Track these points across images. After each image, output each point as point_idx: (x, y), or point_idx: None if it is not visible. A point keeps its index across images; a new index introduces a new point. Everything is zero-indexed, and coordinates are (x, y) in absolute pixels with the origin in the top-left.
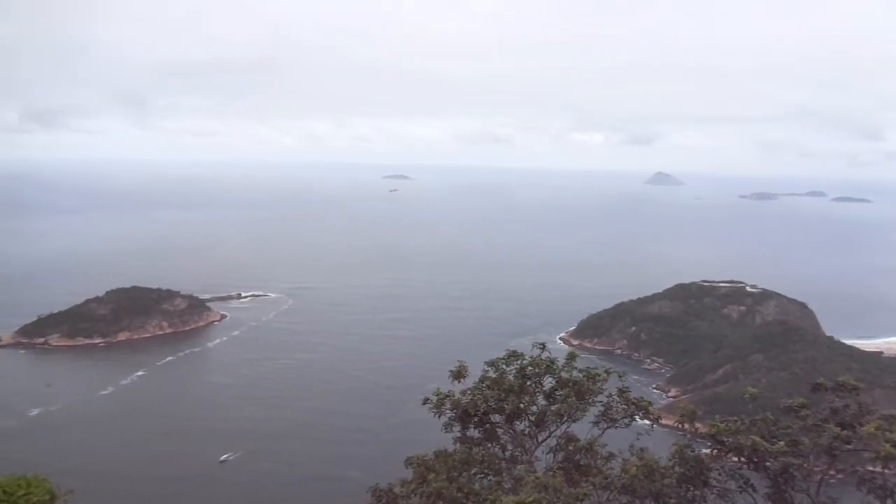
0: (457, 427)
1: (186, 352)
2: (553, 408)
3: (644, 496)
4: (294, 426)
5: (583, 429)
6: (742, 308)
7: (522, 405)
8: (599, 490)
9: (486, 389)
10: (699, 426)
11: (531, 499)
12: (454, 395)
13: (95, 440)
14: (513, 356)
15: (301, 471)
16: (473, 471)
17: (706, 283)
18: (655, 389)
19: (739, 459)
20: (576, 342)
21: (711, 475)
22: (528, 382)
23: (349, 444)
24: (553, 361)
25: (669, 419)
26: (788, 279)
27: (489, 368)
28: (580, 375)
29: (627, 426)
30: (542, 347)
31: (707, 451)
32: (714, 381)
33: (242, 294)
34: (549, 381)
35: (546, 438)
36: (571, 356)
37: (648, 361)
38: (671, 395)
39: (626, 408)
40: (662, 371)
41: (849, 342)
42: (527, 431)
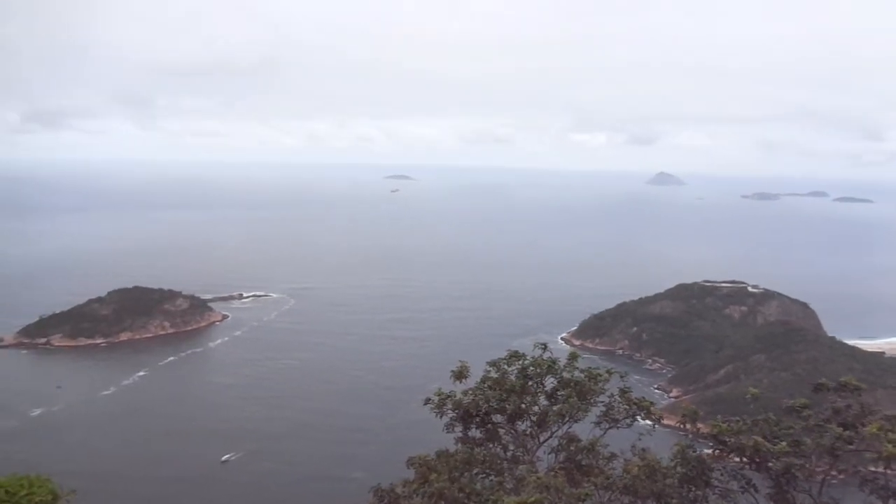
0: (458, 427)
1: (188, 352)
2: (555, 408)
3: (646, 496)
4: (295, 426)
5: (584, 429)
6: (744, 308)
7: (524, 405)
8: (601, 490)
9: (488, 390)
10: (701, 426)
11: (533, 499)
12: (456, 396)
13: (97, 440)
14: (514, 356)
15: (302, 471)
16: (475, 471)
17: (708, 284)
18: (657, 390)
19: (741, 460)
20: (577, 342)
21: (713, 475)
22: (530, 383)
23: (350, 445)
24: (555, 362)
25: (671, 419)
26: (790, 279)
27: (491, 369)
28: (582, 376)
29: (629, 426)
30: (544, 348)
31: (709, 452)
32: (716, 382)
33: (244, 294)
34: (551, 382)
35: (548, 439)
36: (573, 356)
37: (650, 362)
38: (673, 396)
39: (628, 408)
40: (664, 371)
41: (851, 342)
42: (528, 432)
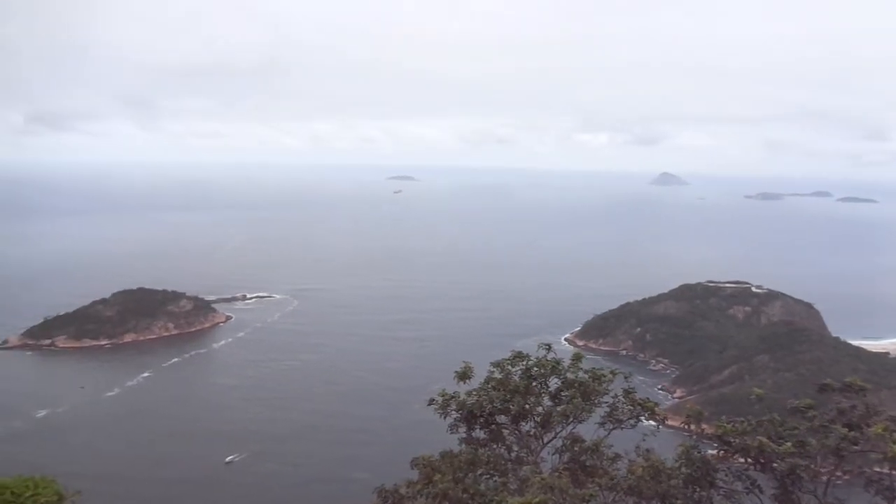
0: (462, 428)
1: (192, 353)
2: (559, 409)
3: (650, 497)
4: (299, 427)
5: (588, 430)
6: (748, 308)
7: (528, 406)
8: (605, 491)
9: (492, 390)
10: (705, 427)
11: (537, 500)
12: (459, 396)
13: (101, 442)
14: (518, 357)
15: (306, 472)
16: (479, 472)
17: (712, 284)
18: (661, 390)
19: (746, 460)
20: (581, 343)
21: (718, 476)
22: (534, 383)
23: (354, 446)
24: (558, 362)
25: (675, 420)
26: (794, 279)
27: (494, 369)
28: (586, 376)
29: (633, 427)
30: (548, 348)
31: (713, 452)
32: (720, 382)
33: (247, 295)
34: (555, 382)
35: (552, 439)
36: (577, 357)
37: (654, 362)
38: (677, 396)
39: (632, 409)
40: (668, 372)
41: (855, 343)
42: (532, 432)
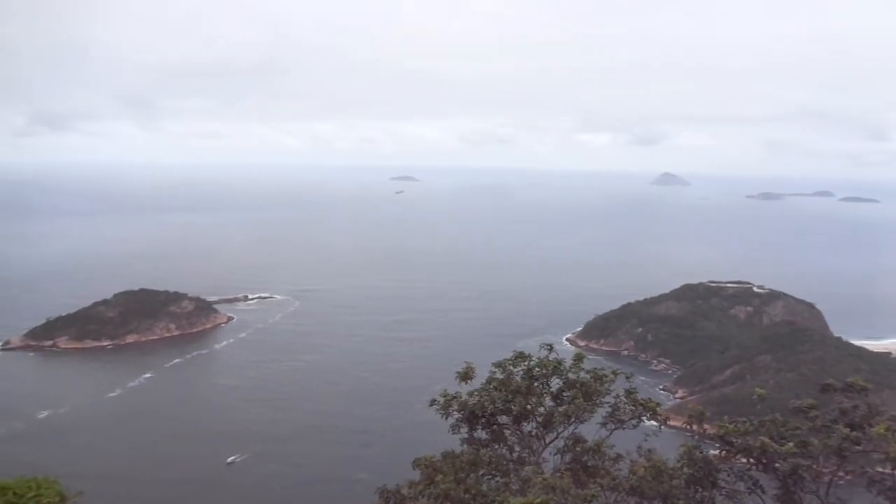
0: (464, 428)
1: (194, 354)
2: (560, 409)
3: (652, 497)
4: (301, 428)
5: (590, 430)
6: (749, 309)
7: (530, 406)
8: (607, 491)
9: (494, 391)
10: (707, 427)
11: (539, 500)
12: (461, 397)
13: (103, 442)
14: (520, 357)
15: (308, 472)
16: (481, 472)
17: (713, 284)
18: (663, 390)
19: (748, 461)
20: (582, 343)
21: (720, 476)
22: (536, 384)
23: (356, 446)
24: (560, 362)
25: (677, 420)
26: (796, 279)
27: (496, 370)
28: (587, 376)
29: (635, 427)
30: (550, 348)
31: (715, 453)
32: (721, 382)
33: (249, 296)
34: (557, 383)
35: (553, 440)
36: (578, 357)
37: (655, 362)
38: (678, 396)
39: (634, 409)
40: (669, 372)
41: (857, 343)
42: (534, 433)
